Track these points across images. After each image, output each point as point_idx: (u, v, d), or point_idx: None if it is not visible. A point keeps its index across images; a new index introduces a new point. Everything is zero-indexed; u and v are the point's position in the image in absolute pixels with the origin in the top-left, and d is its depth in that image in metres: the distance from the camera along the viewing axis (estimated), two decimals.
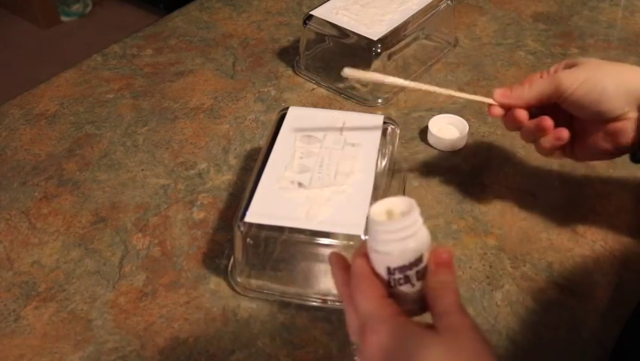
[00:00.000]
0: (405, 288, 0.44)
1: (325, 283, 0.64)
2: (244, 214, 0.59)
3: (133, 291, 0.64)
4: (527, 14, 1.03)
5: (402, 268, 0.44)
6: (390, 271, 0.44)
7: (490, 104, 0.65)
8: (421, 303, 0.45)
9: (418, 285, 0.44)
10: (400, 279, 0.44)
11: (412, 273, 0.44)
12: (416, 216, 0.43)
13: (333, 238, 0.59)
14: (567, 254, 0.67)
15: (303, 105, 0.86)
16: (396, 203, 0.44)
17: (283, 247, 0.63)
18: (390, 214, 0.44)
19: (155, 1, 2.49)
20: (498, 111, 0.65)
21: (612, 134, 0.61)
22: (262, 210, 0.60)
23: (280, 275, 0.65)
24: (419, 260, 0.44)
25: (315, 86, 0.90)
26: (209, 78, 0.92)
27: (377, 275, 0.45)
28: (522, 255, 0.67)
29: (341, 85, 0.89)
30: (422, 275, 0.44)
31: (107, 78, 0.92)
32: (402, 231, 0.43)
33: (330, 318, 0.62)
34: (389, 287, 0.45)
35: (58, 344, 0.60)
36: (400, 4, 0.88)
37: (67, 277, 0.66)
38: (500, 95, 0.64)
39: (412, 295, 0.45)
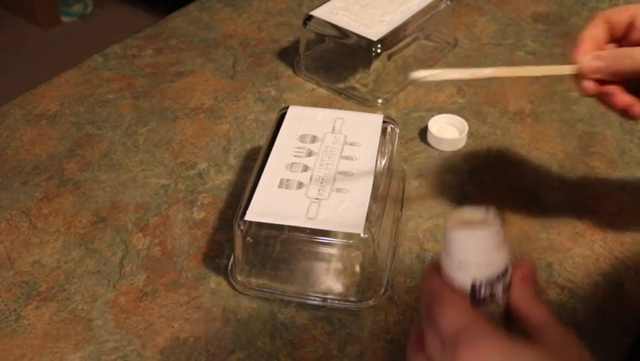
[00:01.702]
0: (490, 306, 0.41)
1: (325, 282, 0.64)
2: (244, 213, 0.59)
3: (133, 291, 0.64)
4: (527, 15, 1.03)
5: (489, 282, 0.41)
6: (475, 287, 0.41)
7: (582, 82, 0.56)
8: (505, 325, 0.42)
9: (502, 303, 0.42)
10: (484, 296, 0.41)
11: (499, 287, 0.41)
12: (499, 224, 0.41)
13: (332, 237, 0.59)
14: (567, 254, 0.67)
15: (303, 105, 0.86)
16: (470, 213, 0.41)
17: (283, 246, 0.63)
18: (467, 225, 0.41)
19: (155, 2, 2.49)
20: (591, 88, 0.57)
21: None
22: (262, 209, 0.60)
23: (280, 274, 0.65)
24: (505, 273, 0.41)
25: (315, 87, 0.90)
26: (210, 78, 0.92)
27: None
28: (522, 255, 0.67)
29: (341, 85, 0.89)
30: (507, 291, 0.42)
31: (108, 78, 0.92)
32: (489, 239, 0.40)
33: (330, 318, 0.62)
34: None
35: (59, 344, 0.60)
36: (400, 5, 0.89)
37: (68, 276, 0.66)
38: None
39: (497, 314, 0.42)
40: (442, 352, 0.41)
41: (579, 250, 0.67)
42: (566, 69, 0.57)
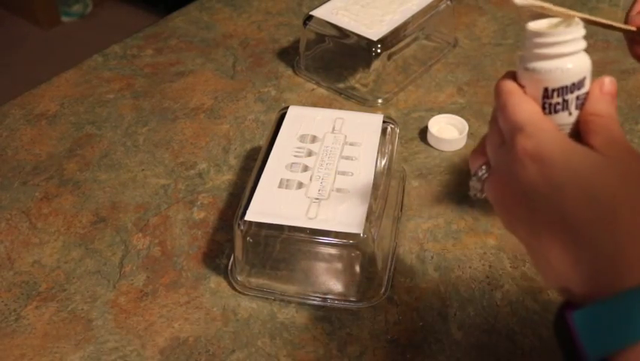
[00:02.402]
0: (561, 116, 0.39)
1: (325, 282, 0.64)
2: (244, 213, 0.59)
3: (133, 291, 0.64)
4: (527, 15, 1.03)
5: (562, 90, 0.39)
6: (547, 93, 0.39)
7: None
8: (575, 137, 0.39)
9: (575, 114, 0.40)
10: (557, 104, 0.39)
11: (571, 97, 0.39)
12: (583, 31, 0.39)
13: (332, 237, 0.59)
14: None
15: (303, 105, 0.86)
16: (554, 20, 0.40)
17: (283, 246, 0.63)
18: (547, 28, 0.40)
19: (155, 2, 2.49)
20: None
21: None
22: (262, 209, 0.60)
23: (280, 274, 0.65)
24: (581, 84, 0.39)
25: (315, 87, 0.90)
26: (210, 78, 0.92)
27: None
28: (522, 255, 0.67)
29: (341, 85, 0.89)
30: (581, 104, 0.40)
31: (108, 78, 0.92)
32: (569, 44, 0.39)
33: (330, 318, 0.62)
34: None
35: (59, 344, 0.60)
36: (400, 5, 0.89)
37: (68, 276, 0.66)
38: None
39: (567, 127, 0.40)
40: (499, 149, 0.40)
41: None
42: (632, 28, 0.54)
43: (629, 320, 0.33)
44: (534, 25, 0.40)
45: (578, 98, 0.39)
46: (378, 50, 0.83)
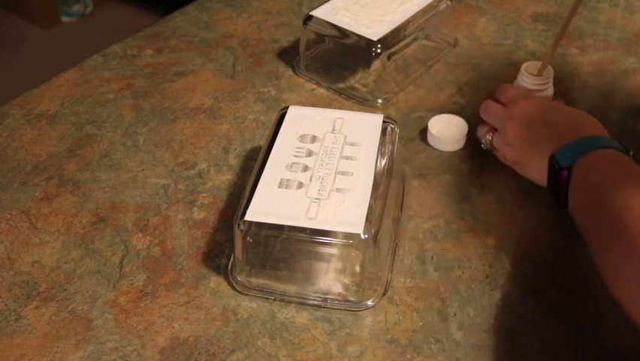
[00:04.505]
0: None
1: (325, 282, 0.64)
2: (244, 213, 0.59)
3: (133, 291, 0.64)
4: (527, 15, 1.03)
5: None
6: None
7: None
8: None
9: None
10: None
11: None
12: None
13: (332, 237, 0.59)
14: (567, 254, 0.67)
15: (303, 105, 0.86)
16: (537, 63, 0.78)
17: (283, 246, 0.63)
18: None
19: (155, 2, 2.49)
20: None
21: None
22: (262, 209, 0.60)
23: (280, 274, 0.65)
24: None
25: (315, 87, 0.90)
26: (210, 78, 0.92)
27: None
28: (522, 255, 0.67)
29: (341, 85, 0.89)
30: None
31: (108, 78, 0.92)
32: (549, 84, 0.77)
33: (330, 318, 0.62)
34: None
35: (59, 344, 0.60)
36: (400, 5, 0.89)
37: (68, 276, 0.66)
38: None
39: None
40: (503, 111, 0.71)
41: (579, 250, 0.67)
42: None
43: (583, 146, 0.61)
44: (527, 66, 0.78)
45: None
46: (378, 50, 0.83)
